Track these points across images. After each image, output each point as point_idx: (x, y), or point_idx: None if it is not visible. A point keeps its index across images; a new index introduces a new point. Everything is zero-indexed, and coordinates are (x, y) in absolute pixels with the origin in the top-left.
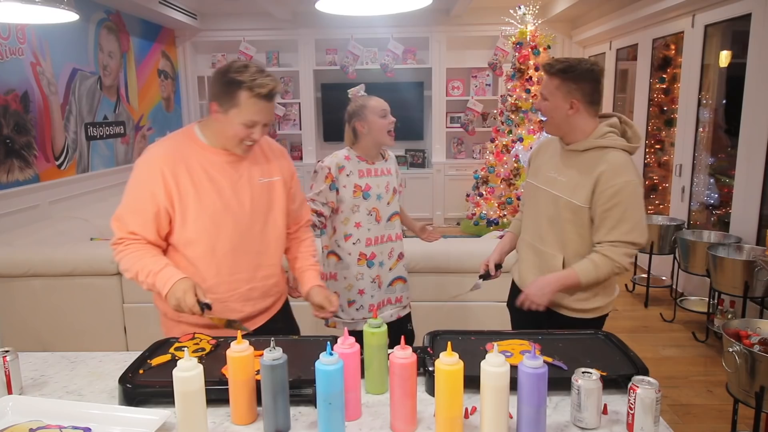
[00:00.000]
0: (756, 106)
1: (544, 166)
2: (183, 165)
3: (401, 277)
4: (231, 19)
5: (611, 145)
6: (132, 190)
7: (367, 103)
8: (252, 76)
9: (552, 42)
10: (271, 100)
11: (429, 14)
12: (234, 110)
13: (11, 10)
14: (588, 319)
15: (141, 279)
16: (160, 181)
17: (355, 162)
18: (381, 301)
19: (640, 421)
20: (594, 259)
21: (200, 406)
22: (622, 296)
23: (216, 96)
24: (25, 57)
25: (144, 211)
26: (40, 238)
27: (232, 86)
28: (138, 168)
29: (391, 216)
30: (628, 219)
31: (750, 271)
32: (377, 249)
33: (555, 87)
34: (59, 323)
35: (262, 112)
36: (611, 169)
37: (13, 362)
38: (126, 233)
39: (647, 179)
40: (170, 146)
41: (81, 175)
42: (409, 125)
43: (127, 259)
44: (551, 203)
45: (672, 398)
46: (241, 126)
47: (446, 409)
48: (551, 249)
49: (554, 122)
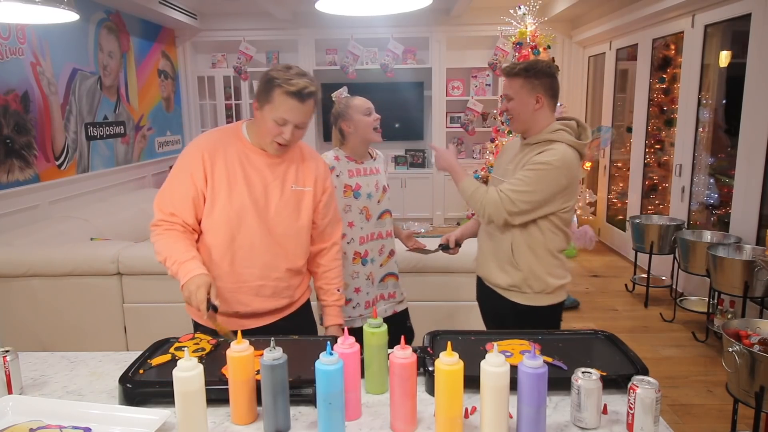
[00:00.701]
0: (756, 106)
1: (502, 160)
2: (222, 155)
3: (392, 273)
4: (231, 19)
5: (558, 139)
6: (176, 172)
7: (351, 103)
8: (288, 76)
9: (552, 42)
10: (303, 100)
11: (429, 14)
12: (268, 106)
13: (11, 10)
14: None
15: (169, 264)
16: (200, 165)
17: (344, 162)
18: (374, 297)
19: (640, 421)
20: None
21: (200, 406)
22: (622, 296)
23: (258, 94)
24: (25, 57)
25: (184, 193)
26: (40, 238)
27: (269, 84)
28: (184, 152)
29: (382, 214)
30: (527, 182)
31: (750, 271)
32: (369, 246)
33: (519, 86)
34: (59, 323)
35: (293, 111)
36: (542, 154)
37: (13, 362)
38: (166, 214)
39: (647, 179)
40: (216, 137)
41: (81, 175)
42: (409, 125)
43: (161, 243)
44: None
45: (672, 398)
46: (272, 123)
47: (446, 409)
48: (500, 232)
49: (521, 119)
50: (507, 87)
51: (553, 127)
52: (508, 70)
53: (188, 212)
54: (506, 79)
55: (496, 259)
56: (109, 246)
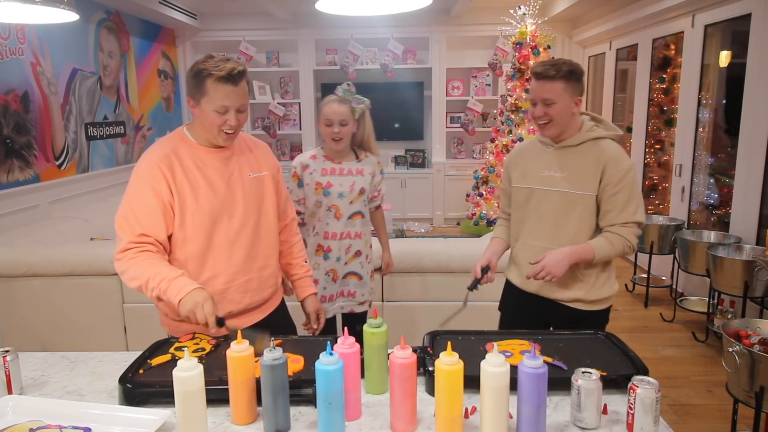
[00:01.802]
0: (756, 106)
1: (531, 168)
2: (178, 164)
3: (355, 272)
4: (231, 19)
5: (603, 135)
6: (135, 191)
7: (322, 109)
8: (214, 63)
9: (552, 42)
10: (235, 83)
11: (429, 14)
12: (204, 99)
13: (11, 10)
14: (598, 311)
15: (152, 285)
16: (161, 177)
17: (320, 161)
18: (333, 293)
19: (640, 421)
20: (608, 237)
21: (200, 406)
22: (622, 296)
23: (189, 91)
24: (25, 57)
25: (151, 208)
26: (40, 238)
27: (198, 77)
28: (137, 171)
29: (353, 215)
30: (633, 200)
31: (750, 271)
32: (335, 244)
33: (562, 89)
34: (59, 323)
35: (230, 96)
36: (614, 156)
37: (13, 362)
38: (135, 236)
39: (647, 179)
40: (164, 147)
41: (81, 175)
42: (409, 125)
43: (135, 267)
44: (555, 200)
45: (672, 398)
46: (214, 114)
47: (446, 409)
48: (562, 245)
49: (561, 123)
50: (547, 91)
51: (588, 126)
52: (548, 72)
53: (159, 228)
54: (544, 82)
55: None
56: (109, 246)
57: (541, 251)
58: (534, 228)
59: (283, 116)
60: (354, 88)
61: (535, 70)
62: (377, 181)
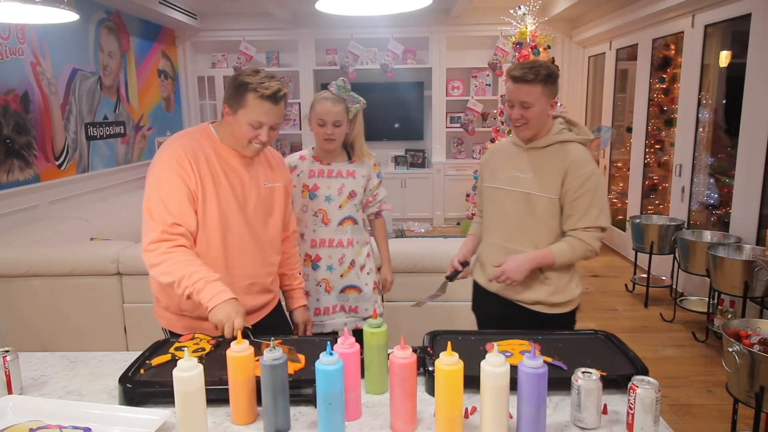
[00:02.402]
0: (756, 106)
1: (501, 168)
2: (203, 156)
3: (354, 286)
4: (231, 19)
5: (570, 139)
6: (161, 180)
7: (315, 106)
8: (260, 80)
9: (552, 42)
10: (276, 102)
11: (429, 14)
12: (242, 111)
13: (11, 10)
14: (563, 314)
15: (186, 284)
16: (188, 167)
17: (308, 162)
18: (330, 306)
19: (640, 421)
20: (569, 241)
21: (200, 406)
22: (622, 296)
23: (227, 99)
24: (25, 57)
25: (180, 197)
26: (40, 238)
27: (241, 88)
28: (161, 158)
29: (343, 221)
30: (596, 205)
31: (750, 271)
32: (324, 252)
33: (540, 93)
34: (59, 323)
35: (268, 114)
36: (577, 161)
37: (13, 362)
38: (167, 226)
39: (647, 179)
40: (190, 139)
41: (81, 175)
42: (409, 125)
43: (174, 261)
44: (519, 201)
45: (672, 398)
46: (248, 126)
47: (446, 409)
48: (524, 246)
49: (537, 125)
50: (525, 94)
51: (557, 128)
52: (527, 76)
53: (190, 217)
54: (521, 85)
55: None
56: (109, 246)
57: (502, 251)
58: (497, 228)
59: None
60: (349, 85)
61: (514, 74)
62: (373, 185)
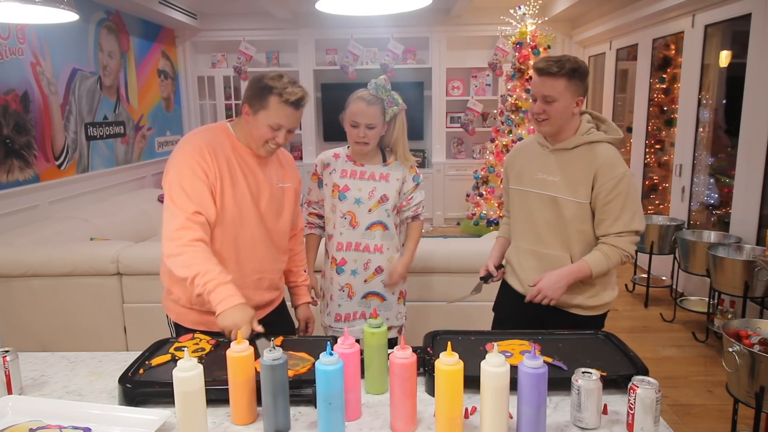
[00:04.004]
0: (756, 106)
1: (526, 169)
2: (221, 152)
3: (377, 293)
4: (231, 19)
5: (599, 139)
6: (183, 171)
7: (349, 106)
8: (284, 85)
9: (552, 42)
10: (297, 108)
11: (429, 14)
12: (263, 112)
13: (11, 10)
14: (596, 316)
15: (200, 282)
16: (209, 159)
17: (342, 161)
18: (351, 312)
19: (640, 421)
20: (603, 250)
21: (200, 406)
22: (622, 296)
23: (249, 99)
24: (25, 57)
25: (201, 187)
26: (40, 238)
27: (265, 91)
28: (183, 149)
29: (371, 225)
30: (629, 209)
31: (750, 271)
32: (349, 256)
33: (564, 87)
34: (59, 323)
35: (289, 118)
36: (607, 163)
37: (13, 362)
38: (191, 213)
39: (647, 179)
40: (210, 134)
41: (81, 175)
42: (409, 125)
43: (194, 256)
44: (547, 205)
45: (672, 398)
46: (267, 128)
47: (446, 409)
48: (556, 251)
49: (558, 122)
50: (548, 87)
51: (585, 128)
52: (551, 69)
53: (210, 206)
54: (545, 78)
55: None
56: (109, 246)
57: (532, 255)
58: (526, 232)
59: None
60: (389, 84)
61: (538, 66)
62: (408, 188)
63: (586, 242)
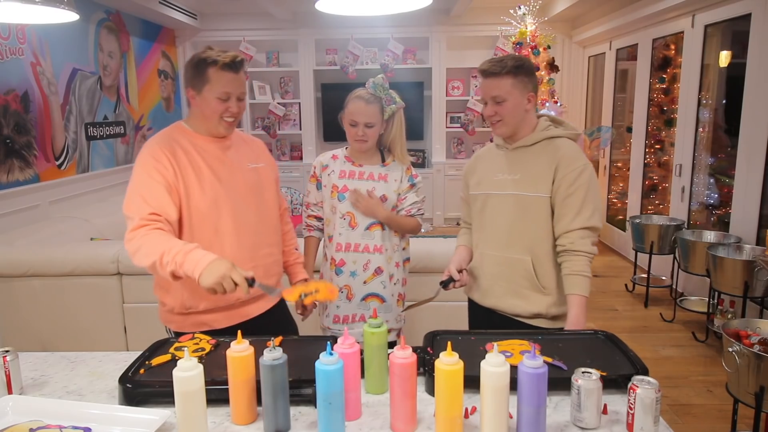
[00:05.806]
0: (756, 106)
1: (486, 173)
2: (180, 149)
3: (377, 294)
4: (231, 19)
5: (559, 134)
6: (140, 178)
7: (347, 104)
8: (216, 53)
9: (552, 42)
10: (237, 70)
11: (429, 14)
12: (206, 87)
13: (11, 10)
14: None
15: (167, 259)
16: (166, 161)
17: (341, 162)
18: (350, 315)
19: (640, 421)
20: (575, 269)
21: (200, 406)
22: (622, 296)
23: (189, 81)
24: (25, 57)
25: (159, 189)
26: (40, 238)
27: (200, 66)
28: (139, 160)
29: (371, 225)
30: (589, 203)
31: (750, 271)
32: (348, 257)
33: (510, 85)
34: (59, 323)
35: (232, 83)
36: (568, 155)
37: (13, 362)
38: (146, 215)
39: (647, 179)
40: (163, 135)
41: (81, 175)
42: (409, 125)
43: (151, 242)
44: (510, 204)
45: (672, 398)
46: (216, 101)
47: (446, 409)
48: (518, 253)
49: (512, 122)
50: (494, 88)
51: (543, 125)
52: (494, 69)
53: (169, 207)
54: (490, 80)
55: (511, 284)
56: (109, 246)
57: (498, 262)
58: (490, 237)
59: (283, 116)
60: (387, 83)
61: (481, 68)
62: (403, 188)
63: (548, 241)
